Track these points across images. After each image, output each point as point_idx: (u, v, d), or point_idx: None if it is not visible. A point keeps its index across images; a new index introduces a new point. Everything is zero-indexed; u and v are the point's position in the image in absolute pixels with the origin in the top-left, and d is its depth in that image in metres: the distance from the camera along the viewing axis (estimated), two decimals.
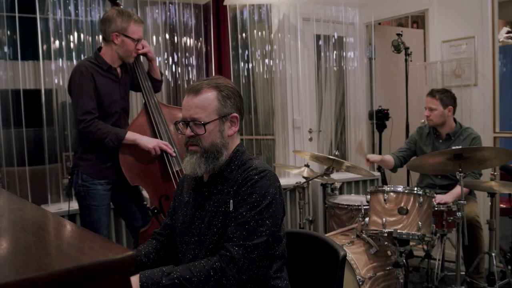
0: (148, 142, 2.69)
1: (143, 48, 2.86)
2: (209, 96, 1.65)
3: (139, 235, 2.82)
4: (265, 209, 1.58)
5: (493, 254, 3.12)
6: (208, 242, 1.64)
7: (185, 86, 4.11)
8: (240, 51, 4.28)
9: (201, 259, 1.58)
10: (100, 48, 2.80)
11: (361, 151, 3.39)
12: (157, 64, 3.14)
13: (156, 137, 2.78)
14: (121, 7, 2.90)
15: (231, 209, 1.61)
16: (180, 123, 1.71)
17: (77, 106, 2.63)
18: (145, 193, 3.24)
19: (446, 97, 3.49)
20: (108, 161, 2.76)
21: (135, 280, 1.47)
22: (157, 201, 2.74)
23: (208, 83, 1.67)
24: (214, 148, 1.66)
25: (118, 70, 2.82)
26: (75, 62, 3.56)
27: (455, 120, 3.58)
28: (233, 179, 1.66)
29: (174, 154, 2.76)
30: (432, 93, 3.54)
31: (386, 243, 3.01)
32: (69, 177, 2.80)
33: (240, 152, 1.72)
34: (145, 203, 2.69)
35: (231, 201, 1.62)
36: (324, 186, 3.86)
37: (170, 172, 2.76)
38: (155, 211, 2.59)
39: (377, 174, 4.42)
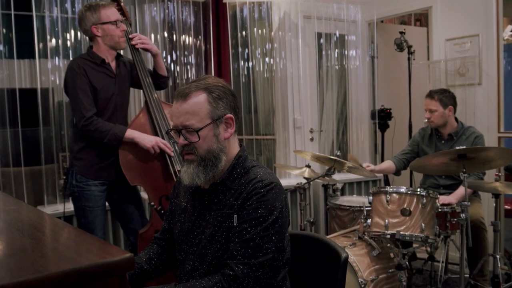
0: (147, 140, 2.65)
1: (138, 38, 2.82)
2: (199, 100, 1.54)
3: (139, 237, 2.78)
4: (271, 225, 1.51)
5: (498, 256, 3.09)
6: (210, 258, 1.57)
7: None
8: (240, 49, 4.26)
9: (201, 277, 1.53)
10: (92, 46, 2.78)
11: (355, 163, 3.38)
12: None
13: (157, 136, 2.74)
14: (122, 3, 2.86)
15: (235, 224, 1.54)
16: (172, 131, 1.61)
17: (74, 104, 2.62)
18: (143, 195, 3.20)
19: (445, 97, 3.43)
20: (103, 161, 2.72)
21: None
22: (157, 202, 2.70)
23: (197, 85, 1.56)
24: (211, 154, 1.56)
25: (113, 64, 2.79)
26: None
27: (456, 119, 3.53)
28: (236, 189, 1.58)
29: (172, 154, 2.72)
30: (430, 95, 3.48)
31: (388, 245, 2.98)
32: (65, 177, 2.77)
33: (243, 158, 1.63)
34: (152, 203, 2.67)
35: (235, 216, 1.54)
36: (325, 187, 3.84)
37: (172, 171, 2.72)
38: (162, 211, 2.55)
39: (379, 175, 4.38)
